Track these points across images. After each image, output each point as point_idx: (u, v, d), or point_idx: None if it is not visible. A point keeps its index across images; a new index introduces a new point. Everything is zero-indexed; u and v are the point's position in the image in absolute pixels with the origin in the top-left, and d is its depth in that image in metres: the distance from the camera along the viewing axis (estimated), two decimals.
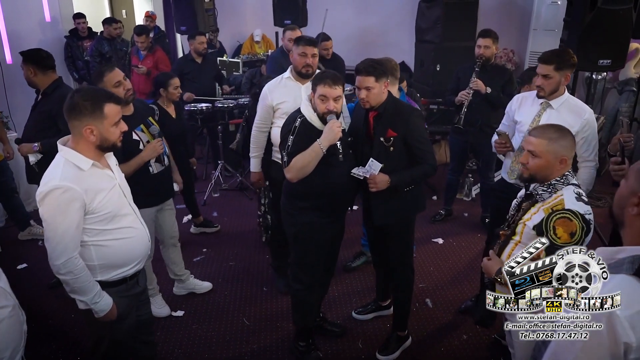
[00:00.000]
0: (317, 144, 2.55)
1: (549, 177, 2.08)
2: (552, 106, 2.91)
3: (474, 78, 4.22)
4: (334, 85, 2.54)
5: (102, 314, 2.14)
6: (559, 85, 2.88)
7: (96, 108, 2.03)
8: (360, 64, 2.66)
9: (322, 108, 2.56)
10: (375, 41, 7.69)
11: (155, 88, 4.05)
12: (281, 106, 3.27)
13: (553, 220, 1.91)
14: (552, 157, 2.05)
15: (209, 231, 4.68)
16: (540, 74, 2.87)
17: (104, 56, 6.26)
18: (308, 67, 3.23)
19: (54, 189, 1.97)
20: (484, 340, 3.21)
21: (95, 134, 2.04)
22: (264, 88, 3.37)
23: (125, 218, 2.20)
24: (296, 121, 2.62)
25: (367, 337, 3.26)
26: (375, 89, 2.62)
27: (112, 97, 2.12)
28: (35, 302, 3.56)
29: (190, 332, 3.32)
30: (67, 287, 2.09)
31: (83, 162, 2.05)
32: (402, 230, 2.90)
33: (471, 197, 5.33)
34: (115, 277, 2.20)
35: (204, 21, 5.73)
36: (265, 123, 3.39)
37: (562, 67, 2.83)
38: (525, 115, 3.02)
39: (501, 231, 2.23)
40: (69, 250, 2.01)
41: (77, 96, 2.03)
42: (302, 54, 3.20)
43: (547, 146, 2.05)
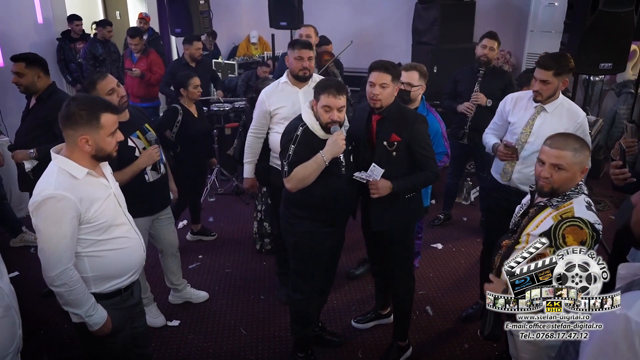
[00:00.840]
0: (320, 157, 2.49)
1: (569, 189, 2.02)
2: (547, 110, 2.88)
3: (477, 89, 4.15)
4: (339, 95, 2.47)
5: (97, 328, 2.08)
6: (556, 90, 2.86)
7: (92, 118, 1.97)
8: (377, 61, 2.62)
9: (326, 118, 2.50)
10: (371, 43, 7.64)
11: (176, 88, 4.04)
12: (279, 111, 3.21)
13: (562, 228, 1.85)
14: (577, 168, 2.00)
15: (206, 239, 4.60)
16: (538, 79, 2.82)
17: (97, 59, 6.17)
18: (305, 71, 3.17)
19: (48, 198, 1.91)
20: (486, 350, 3.16)
21: (91, 144, 1.99)
22: (261, 93, 3.31)
23: (120, 228, 2.14)
24: (298, 130, 2.55)
25: (366, 347, 3.20)
26: (389, 88, 2.58)
27: (110, 107, 2.06)
28: (27, 311, 3.44)
29: (187, 342, 3.25)
30: (60, 300, 2.03)
31: (77, 171, 1.99)
32: (402, 236, 2.84)
33: (470, 201, 5.29)
34: (110, 288, 2.14)
35: (199, 23, 5.63)
36: (261, 129, 3.32)
37: (560, 72, 2.81)
38: (519, 117, 2.99)
39: (503, 241, 2.16)
40: (64, 262, 1.96)
41: (73, 105, 1.97)
42: (299, 58, 3.14)
43: (574, 158, 1.98)
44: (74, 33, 6.51)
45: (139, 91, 5.88)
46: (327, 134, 2.53)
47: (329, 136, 2.52)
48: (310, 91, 3.23)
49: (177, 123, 3.90)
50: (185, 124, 3.92)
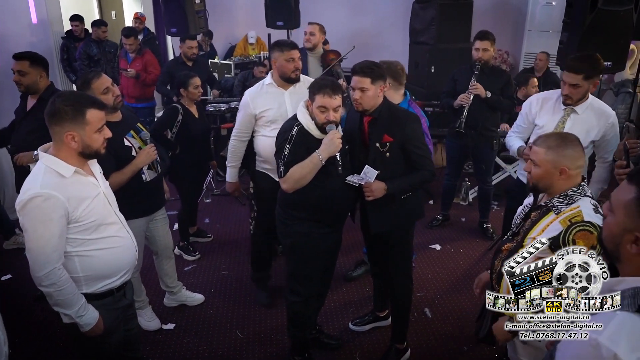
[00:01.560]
0: (317, 156, 2.44)
1: (551, 187, 1.98)
2: (577, 112, 2.82)
3: (473, 81, 4.12)
4: (334, 95, 2.43)
5: (88, 328, 2.04)
6: (587, 93, 2.80)
7: (78, 114, 1.94)
8: (358, 64, 2.56)
9: (322, 118, 2.46)
10: (368, 43, 7.60)
11: (176, 88, 4.00)
12: (265, 114, 3.15)
13: (573, 233, 1.80)
14: (550, 166, 1.96)
15: (202, 241, 4.55)
16: (568, 83, 2.76)
17: (92, 59, 6.11)
18: (297, 72, 3.13)
19: (35, 196, 1.88)
20: (485, 352, 3.12)
21: (77, 140, 1.96)
22: (244, 96, 3.24)
23: (110, 227, 2.11)
24: (293, 129, 2.51)
25: (364, 350, 3.15)
26: (370, 92, 2.51)
27: (95, 103, 2.02)
28: (19, 315, 3.42)
29: (182, 346, 3.20)
30: (50, 300, 2.00)
31: (65, 169, 1.96)
32: (400, 238, 2.80)
33: (468, 202, 5.25)
34: (101, 289, 2.11)
35: (195, 23, 5.58)
36: (246, 132, 3.27)
37: (591, 75, 2.75)
38: (548, 120, 2.93)
39: (504, 245, 2.12)
40: (52, 261, 1.92)
41: (58, 101, 1.94)
42: (290, 59, 3.08)
43: (545, 155, 1.96)
44: (76, 34, 6.48)
45: (134, 92, 5.82)
46: (323, 133, 2.49)
47: (324, 136, 2.48)
48: (296, 92, 3.18)
49: (177, 123, 3.85)
50: (185, 125, 3.87)
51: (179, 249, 4.27)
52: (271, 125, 3.14)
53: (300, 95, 3.14)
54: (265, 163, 3.29)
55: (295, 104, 3.12)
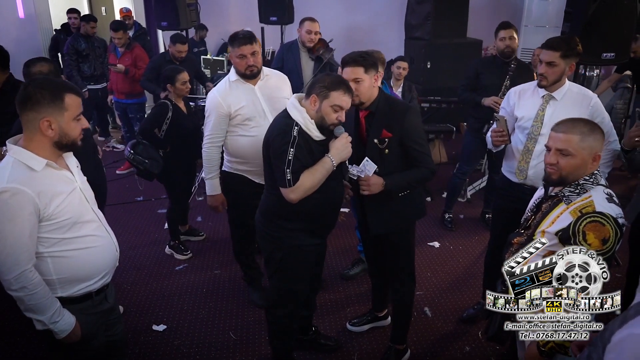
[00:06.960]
0: (329, 161, 2.25)
1: (580, 177, 1.86)
2: (555, 97, 2.71)
3: (507, 83, 3.88)
4: (349, 94, 2.25)
5: (64, 335, 1.88)
6: (562, 75, 2.69)
7: (56, 97, 1.79)
8: (347, 55, 2.43)
9: (332, 118, 2.24)
10: (363, 39, 7.49)
11: (163, 84, 3.86)
12: (241, 112, 2.94)
13: (583, 225, 1.69)
14: (586, 154, 1.83)
15: (194, 239, 4.41)
16: (544, 61, 2.66)
17: (80, 53, 5.94)
18: (252, 68, 2.89)
19: (1, 192, 1.72)
20: (488, 352, 3.02)
21: (54, 128, 1.81)
22: (212, 97, 3.01)
23: (87, 225, 1.94)
24: (293, 130, 2.24)
25: (363, 351, 3.04)
26: (365, 82, 2.38)
27: (73, 89, 1.88)
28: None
29: (172, 348, 3.06)
30: (21, 306, 1.84)
31: (35, 162, 1.80)
32: (402, 238, 2.68)
33: (467, 198, 5.15)
34: (78, 292, 1.94)
35: (186, 16, 5.47)
36: (220, 136, 3.03)
37: (569, 54, 2.64)
38: (527, 110, 2.80)
39: (514, 239, 2.01)
40: (22, 263, 1.76)
41: (32, 86, 1.79)
42: (240, 56, 2.87)
43: (581, 142, 1.82)
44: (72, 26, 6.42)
45: (123, 87, 5.66)
46: (322, 134, 2.29)
47: (322, 137, 2.29)
48: (266, 86, 3.00)
49: (167, 120, 3.72)
50: (175, 121, 3.74)
51: (170, 249, 4.13)
52: (249, 124, 2.95)
53: (270, 90, 3.00)
54: (244, 164, 3.07)
55: (267, 99, 2.97)
